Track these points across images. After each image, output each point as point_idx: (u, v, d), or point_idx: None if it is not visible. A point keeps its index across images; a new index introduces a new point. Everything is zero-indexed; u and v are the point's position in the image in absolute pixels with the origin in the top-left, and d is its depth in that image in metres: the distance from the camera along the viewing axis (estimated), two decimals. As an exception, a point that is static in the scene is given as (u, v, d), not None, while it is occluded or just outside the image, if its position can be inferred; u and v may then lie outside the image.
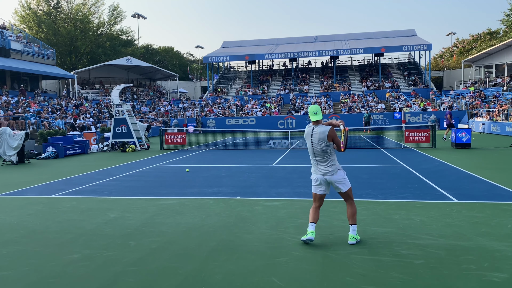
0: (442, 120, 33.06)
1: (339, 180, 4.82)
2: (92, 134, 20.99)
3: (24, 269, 4.30)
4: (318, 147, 4.78)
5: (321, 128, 4.77)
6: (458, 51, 61.30)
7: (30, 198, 8.20)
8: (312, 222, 4.90)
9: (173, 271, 4.15)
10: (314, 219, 4.91)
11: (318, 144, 4.77)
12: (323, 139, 4.73)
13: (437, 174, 10.06)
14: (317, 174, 4.90)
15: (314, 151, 4.83)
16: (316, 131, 4.79)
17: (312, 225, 4.89)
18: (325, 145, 4.74)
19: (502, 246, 4.68)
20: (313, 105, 4.88)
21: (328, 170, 4.81)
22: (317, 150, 4.80)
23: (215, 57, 46.14)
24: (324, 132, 4.73)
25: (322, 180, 4.89)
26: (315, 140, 4.78)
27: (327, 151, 4.77)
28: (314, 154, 4.86)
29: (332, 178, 4.82)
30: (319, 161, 4.86)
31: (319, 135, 4.75)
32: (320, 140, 4.74)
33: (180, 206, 7.14)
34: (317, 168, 4.91)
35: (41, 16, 50.27)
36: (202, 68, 71.44)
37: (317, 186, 4.95)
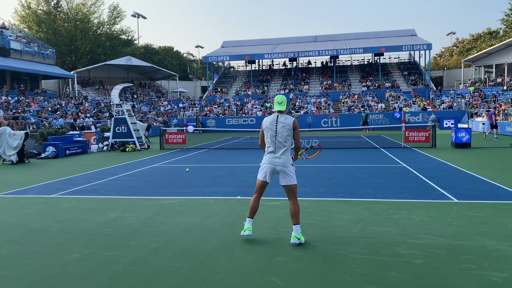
0: (442, 120, 33.14)
1: (288, 172, 4.88)
2: (92, 134, 20.99)
3: (24, 268, 4.30)
4: (281, 134, 4.87)
5: (286, 116, 4.93)
6: (458, 51, 61.30)
7: (30, 197, 8.20)
8: (250, 217, 5.05)
9: (173, 270, 4.16)
10: (252, 214, 5.05)
11: (282, 131, 4.87)
12: (288, 125, 4.87)
13: (437, 173, 10.06)
14: (269, 162, 4.94)
15: (276, 138, 4.89)
16: (281, 119, 4.91)
17: (250, 220, 5.04)
18: (288, 132, 4.86)
19: (502, 245, 4.68)
20: (279, 95, 5.01)
21: (281, 159, 4.88)
22: (279, 136, 4.88)
23: (215, 56, 46.14)
24: (289, 119, 4.90)
25: (271, 169, 4.94)
26: (279, 126, 4.88)
27: (287, 139, 4.88)
28: (275, 141, 4.90)
29: (283, 169, 4.88)
30: (278, 147, 4.90)
31: (284, 122, 4.88)
32: (284, 127, 4.87)
33: (180, 205, 7.14)
34: (270, 157, 4.94)
35: (41, 15, 50.26)
36: (202, 68, 71.43)
37: (263, 172, 4.99)
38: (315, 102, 39.39)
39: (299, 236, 4.83)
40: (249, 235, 5.00)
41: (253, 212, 5.07)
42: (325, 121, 34.99)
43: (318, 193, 7.94)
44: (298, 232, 4.83)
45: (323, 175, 10.15)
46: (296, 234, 4.83)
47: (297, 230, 4.84)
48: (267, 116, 5.10)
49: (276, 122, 4.91)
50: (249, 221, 5.06)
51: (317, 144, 6.09)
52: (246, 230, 5.00)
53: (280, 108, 4.94)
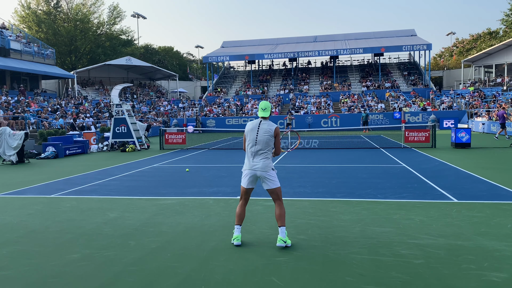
0: (442, 120, 33.14)
1: (269, 176, 4.89)
2: (92, 134, 20.98)
3: (24, 268, 4.30)
4: (262, 139, 4.89)
5: (269, 123, 4.97)
6: (458, 51, 61.30)
7: (30, 198, 8.20)
8: (238, 224, 4.99)
9: (173, 270, 4.16)
10: (240, 220, 5.00)
11: (263, 136, 4.90)
12: (269, 132, 4.90)
13: (437, 174, 10.06)
14: (250, 168, 4.94)
15: (256, 143, 4.91)
16: (264, 124, 4.95)
17: (238, 228, 4.97)
18: (269, 138, 4.89)
19: (501, 245, 4.69)
20: (263, 102, 5.04)
21: (262, 164, 4.88)
22: (260, 141, 4.90)
23: (215, 57, 46.14)
24: (272, 126, 4.94)
25: (252, 174, 4.94)
26: (261, 132, 4.91)
27: (268, 145, 4.91)
28: (256, 146, 4.91)
29: (263, 174, 4.89)
30: (258, 152, 4.91)
31: (267, 128, 4.91)
32: (266, 132, 4.90)
33: (180, 206, 7.14)
34: (251, 162, 4.94)
35: (40, 16, 50.26)
36: (202, 68, 71.42)
37: (246, 179, 4.98)
38: (315, 102, 39.39)
39: (285, 239, 4.78)
40: (238, 244, 4.89)
41: (241, 219, 5.01)
42: (325, 121, 35.00)
43: (318, 193, 7.94)
44: (284, 234, 4.79)
45: (323, 175, 10.15)
46: (282, 236, 4.78)
47: (283, 233, 4.79)
48: (250, 121, 5.14)
49: (258, 128, 4.93)
50: (238, 228, 4.98)
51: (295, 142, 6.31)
52: (235, 239, 4.92)
53: (264, 114, 4.96)
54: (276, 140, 4.96)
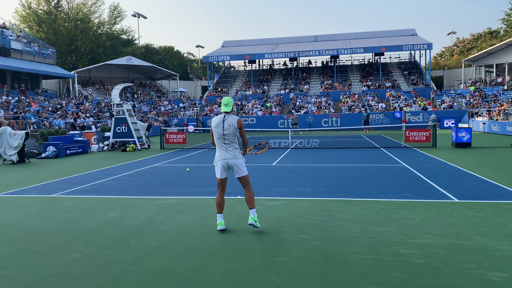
0: (442, 120, 33.11)
1: (239, 164, 5.42)
2: (93, 133, 21.00)
3: (24, 268, 4.31)
4: (228, 131, 5.38)
5: (232, 116, 5.44)
6: (459, 51, 61.24)
7: (30, 197, 8.21)
8: (219, 213, 5.53)
9: (173, 270, 4.16)
10: (220, 209, 5.53)
11: (228, 129, 5.37)
12: (233, 125, 5.37)
13: (438, 173, 10.06)
14: (222, 158, 5.43)
15: (224, 136, 5.40)
16: (228, 118, 5.41)
17: (220, 215, 5.53)
18: (234, 131, 5.38)
19: (502, 245, 4.68)
20: (225, 97, 5.49)
21: (232, 154, 5.39)
22: (227, 134, 5.39)
23: (215, 56, 46.12)
24: (235, 119, 5.41)
25: (224, 164, 5.44)
26: (226, 125, 5.38)
27: (234, 136, 5.41)
28: (224, 139, 5.42)
29: (234, 162, 5.40)
30: (226, 144, 5.42)
31: (230, 121, 5.38)
32: (231, 125, 5.37)
33: (180, 205, 7.14)
34: (221, 153, 5.44)
35: (41, 15, 50.25)
36: (203, 68, 71.41)
37: (220, 170, 5.46)
38: (316, 102, 39.37)
39: (255, 218, 5.35)
40: (222, 229, 5.44)
41: (221, 208, 5.53)
42: (325, 120, 34.97)
43: (319, 193, 7.94)
44: (254, 215, 5.38)
45: (323, 175, 10.15)
46: (253, 216, 5.36)
47: (254, 213, 5.38)
48: (215, 117, 5.59)
49: (223, 122, 5.41)
50: (220, 216, 5.53)
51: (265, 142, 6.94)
52: (219, 225, 5.48)
53: (226, 109, 5.45)
54: (241, 131, 5.46)
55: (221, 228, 5.45)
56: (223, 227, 5.47)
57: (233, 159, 5.39)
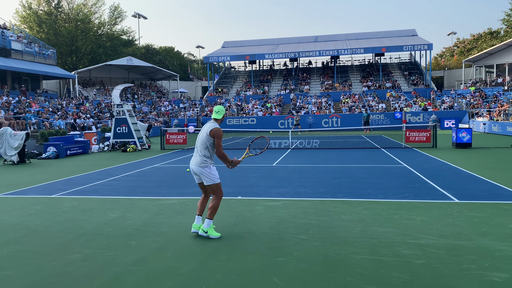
0: (443, 120, 33.10)
1: (203, 173, 5.19)
2: (93, 134, 21.00)
3: (25, 268, 4.31)
4: (201, 137, 5.26)
5: (213, 124, 5.26)
6: (459, 51, 61.21)
7: (31, 198, 8.21)
8: (198, 214, 5.39)
9: (173, 271, 4.16)
10: (198, 211, 5.40)
11: (202, 135, 5.26)
12: (205, 132, 5.22)
13: (438, 174, 10.05)
14: (190, 163, 5.35)
15: (198, 141, 5.31)
16: (207, 125, 5.31)
17: (198, 217, 5.37)
18: (206, 137, 5.19)
19: (503, 246, 4.68)
20: (218, 106, 5.43)
21: (199, 161, 5.20)
22: (200, 139, 5.27)
23: (216, 57, 46.14)
24: (211, 127, 5.21)
25: (192, 169, 5.31)
26: (202, 131, 5.30)
27: (206, 144, 5.20)
28: (196, 144, 5.33)
29: (198, 170, 5.20)
30: (198, 150, 5.28)
31: (208, 128, 5.24)
32: (205, 131, 5.23)
33: (180, 205, 7.14)
34: (192, 159, 5.34)
35: (41, 16, 50.29)
36: (203, 68, 71.43)
37: (193, 175, 5.36)
38: (316, 102, 39.37)
39: (206, 229, 5.16)
40: (193, 232, 5.31)
41: (199, 210, 5.40)
42: (325, 121, 34.97)
43: (319, 193, 7.94)
44: (207, 226, 5.17)
45: (323, 175, 10.14)
46: (204, 227, 5.17)
47: (208, 224, 5.17)
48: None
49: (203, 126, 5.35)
50: (197, 218, 5.37)
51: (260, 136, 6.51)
52: (193, 226, 5.37)
53: (214, 116, 5.32)
54: (215, 141, 5.17)
55: (193, 231, 5.30)
56: (195, 230, 5.28)
57: (198, 166, 5.18)
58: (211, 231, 5.16)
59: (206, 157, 5.21)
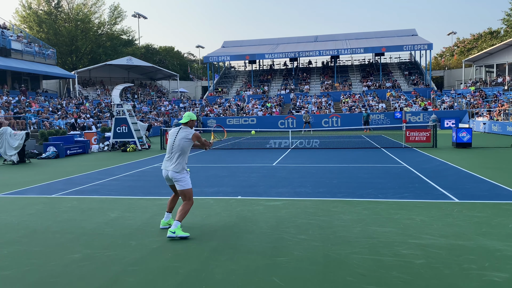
0: (443, 120, 33.10)
1: (177, 178, 5.32)
2: (93, 134, 21.00)
3: (25, 268, 4.31)
4: (179, 143, 5.33)
5: (187, 129, 5.42)
6: (459, 51, 61.21)
7: (30, 198, 8.20)
8: (167, 211, 5.70)
9: (173, 270, 4.16)
10: (168, 208, 5.72)
11: (179, 142, 5.33)
12: (186, 137, 5.32)
13: (438, 173, 10.05)
14: (164, 168, 5.45)
15: (172, 147, 5.38)
16: (183, 130, 5.41)
17: (167, 214, 5.68)
18: (187, 142, 5.32)
19: (503, 245, 4.68)
20: (188, 112, 5.55)
21: (173, 167, 5.32)
22: (176, 146, 5.34)
23: (216, 56, 46.12)
24: (190, 132, 5.37)
25: (165, 174, 5.43)
26: (178, 138, 5.35)
27: (186, 149, 5.34)
28: (172, 150, 5.38)
29: (173, 175, 5.32)
30: (172, 156, 5.36)
31: (184, 134, 5.35)
32: (183, 138, 5.32)
33: (180, 205, 7.13)
34: (166, 163, 5.42)
35: (41, 16, 50.26)
36: (203, 68, 71.41)
37: (166, 179, 5.49)
38: (316, 102, 39.37)
39: (173, 230, 5.20)
40: (162, 227, 5.61)
41: (168, 207, 5.72)
42: (325, 121, 34.96)
43: (319, 193, 7.94)
44: (175, 226, 5.22)
45: (323, 175, 10.14)
46: (171, 228, 5.23)
47: (175, 226, 5.22)
48: (174, 128, 5.64)
49: (177, 133, 5.41)
50: (166, 214, 5.70)
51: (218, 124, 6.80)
52: (161, 223, 5.69)
53: (183, 121, 5.44)
54: (198, 140, 5.45)
55: (161, 227, 5.62)
56: (163, 226, 5.62)
57: (173, 171, 5.29)
58: (178, 230, 5.22)
59: (182, 162, 5.36)
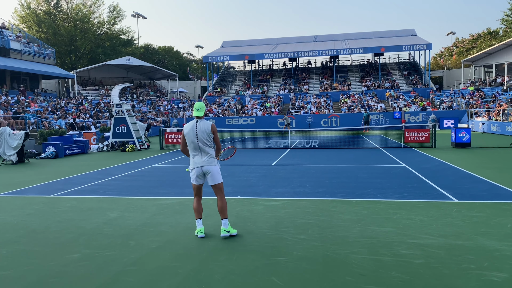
0: (442, 120, 33.13)
1: (214, 171, 5.23)
2: (92, 133, 20.98)
3: (24, 268, 4.30)
4: (202, 136, 5.18)
5: (204, 122, 5.25)
6: (458, 51, 61.26)
7: (30, 197, 8.20)
8: (198, 218, 5.33)
9: (173, 270, 4.16)
10: (199, 215, 5.33)
11: (202, 136, 5.18)
12: (206, 131, 5.18)
13: (437, 173, 10.06)
14: (196, 166, 5.25)
15: (198, 143, 5.20)
16: (200, 124, 5.21)
17: (199, 221, 5.32)
18: (207, 137, 5.19)
19: (502, 245, 4.69)
20: (197, 102, 5.30)
21: (206, 162, 5.21)
22: (201, 140, 5.19)
23: (215, 56, 46.11)
24: (208, 125, 5.22)
25: (199, 172, 5.25)
26: (200, 131, 5.18)
27: (208, 142, 5.22)
28: (198, 146, 5.22)
29: (208, 169, 5.21)
30: (200, 152, 5.23)
31: (203, 127, 5.18)
32: (204, 132, 5.17)
33: (180, 205, 7.14)
34: (196, 160, 5.25)
35: (40, 15, 50.20)
36: (202, 68, 71.39)
37: (195, 176, 5.29)
38: (315, 102, 39.38)
39: (227, 229, 5.18)
40: (201, 237, 5.21)
41: (199, 213, 5.35)
42: (325, 121, 34.98)
43: (318, 193, 7.94)
44: (226, 225, 5.20)
45: (323, 175, 10.14)
46: (224, 227, 5.18)
47: (226, 224, 5.20)
48: (187, 124, 5.33)
49: (195, 128, 5.20)
50: (199, 222, 5.31)
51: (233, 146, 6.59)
52: (198, 232, 5.25)
53: (198, 114, 5.22)
54: (214, 136, 5.25)
55: (200, 236, 5.21)
56: (202, 235, 5.23)
57: (209, 165, 5.19)
58: (231, 229, 5.22)
59: (212, 153, 5.26)
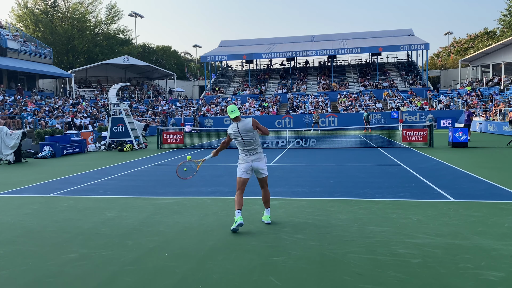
0: (439, 120, 33.21)
1: (263, 167, 5.58)
2: (90, 133, 20.94)
3: (21, 268, 4.29)
4: (247, 138, 5.45)
5: (244, 122, 5.48)
6: (455, 51, 61.43)
7: (27, 197, 8.17)
8: (239, 209, 5.44)
9: (170, 270, 4.15)
10: (239, 206, 5.46)
11: (246, 135, 5.43)
12: (249, 129, 5.42)
13: (434, 173, 10.08)
14: (246, 162, 5.54)
15: (245, 143, 5.49)
16: (240, 125, 5.46)
17: (239, 211, 5.43)
18: (251, 134, 5.43)
19: (499, 245, 4.70)
20: (229, 106, 5.53)
21: (256, 157, 5.52)
22: (247, 140, 5.46)
23: (213, 56, 46.07)
24: (248, 123, 5.45)
25: (248, 167, 5.53)
26: (242, 132, 5.43)
27: (254, 139, 5.48)
28: (245, 145, 5.50)
29: (258, 165, 5.52)
30: (249, 150, 5.52)
31: (245, 127, 5.43)
32: (246, 130, 5.42)
33: (177, 205, 7.13)
34: (246, 157, 5.54)
35: (38, 15, 50.03)
36: (200, 67, 71.34)
37: (244, 172, 5.55)
38: (313, 102, 39.41)
39: (269, 216, 5.79)
40: (240, 223, 5.30)
41: (240, 205, 5.48)
42: (322, 120, 35.01)
43: (316, 193, 7.95)
44: (269, 213, 5.80)
45: (320, 175, 10.15)
46: (267, 215, 5.76)
47: (269, 212, 5.79)
48: (231, 125, 5.59)
49: (238, 130, 5.46)
50: (238, 212, 5.42)
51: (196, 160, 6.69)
52: (238, 219, 5.33)
53: (235, 115, 5.44)
54: (259, 127, 5.49)
55: (240, 222, 5.27)
56: (241, 221, 5.30)
57: (262, 162, 5.53)
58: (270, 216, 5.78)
59: (260, 150, 5.60)
